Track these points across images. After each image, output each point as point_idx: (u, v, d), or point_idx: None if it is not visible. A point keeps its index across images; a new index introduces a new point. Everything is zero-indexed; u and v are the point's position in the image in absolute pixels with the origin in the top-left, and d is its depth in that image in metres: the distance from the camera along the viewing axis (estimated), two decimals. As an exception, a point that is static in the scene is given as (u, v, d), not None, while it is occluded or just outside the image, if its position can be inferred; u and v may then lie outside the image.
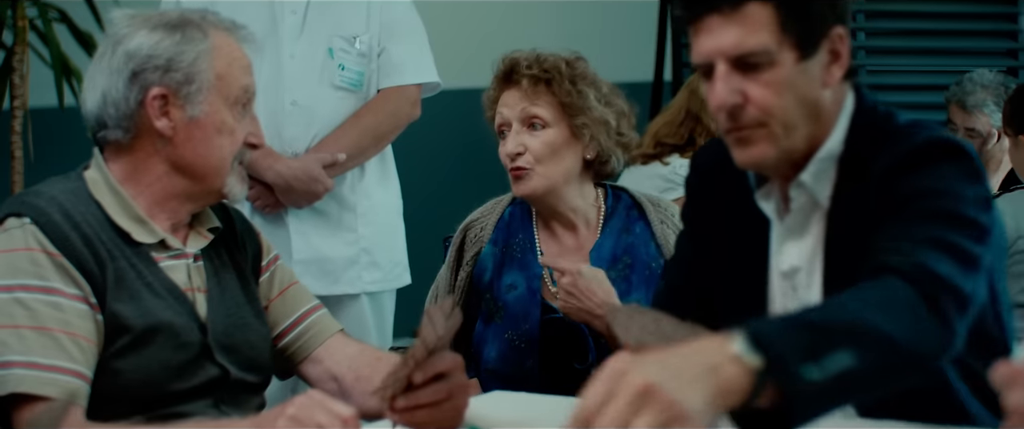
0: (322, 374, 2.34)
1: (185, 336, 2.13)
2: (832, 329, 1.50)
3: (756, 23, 1.78)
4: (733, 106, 1.80)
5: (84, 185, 2.16)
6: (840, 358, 1.47)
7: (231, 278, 2.26)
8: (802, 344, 1.46)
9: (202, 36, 2.16)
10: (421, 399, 1.86)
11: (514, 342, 2.72)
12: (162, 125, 2.15)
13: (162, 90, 2.14)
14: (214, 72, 2.16)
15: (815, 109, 1.83)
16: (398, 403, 1.86)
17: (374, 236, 3.37)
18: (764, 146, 1.82)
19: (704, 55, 1.82)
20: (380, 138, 3.34)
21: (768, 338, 1.44)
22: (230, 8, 3.23)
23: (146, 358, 2.09)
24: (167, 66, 2.14)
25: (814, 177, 1.86)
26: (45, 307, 2.02)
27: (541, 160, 2.70)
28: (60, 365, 2.00)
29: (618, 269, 2.73)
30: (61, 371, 2.00)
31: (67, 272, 2.05)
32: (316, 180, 3.22)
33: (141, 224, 2.15)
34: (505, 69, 2.75)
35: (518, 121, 2.72)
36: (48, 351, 2.00)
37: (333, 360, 2.34)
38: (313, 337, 2.36)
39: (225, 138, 2.18)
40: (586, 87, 2.72)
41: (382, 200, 3.41)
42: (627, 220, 2.80)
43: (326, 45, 3.26)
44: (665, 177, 3.88)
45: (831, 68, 1.84)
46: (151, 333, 2.09)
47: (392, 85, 3.34)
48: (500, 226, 2.83)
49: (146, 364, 2.09)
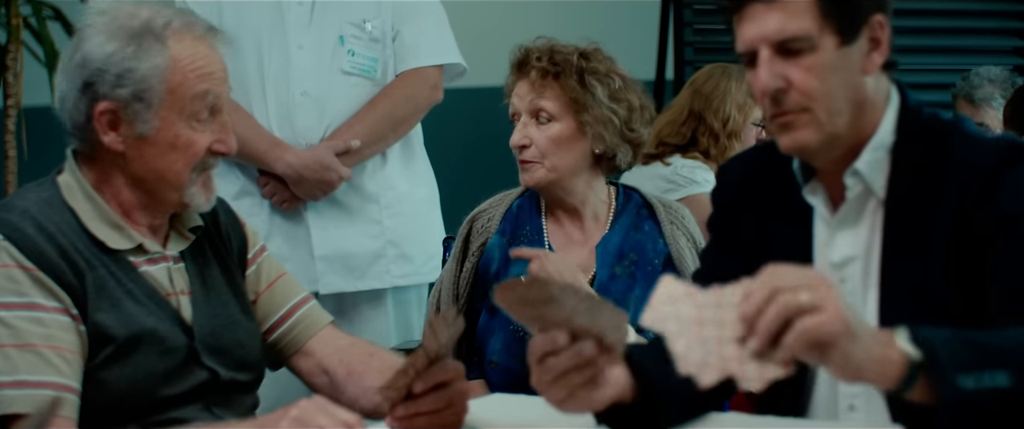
0: (313, 367, 2.32)
1: (170, 341, 2.12)
2: (995, 350, 1.65)
3: (797, 9, 1.83)
4: (776, 90, 1.84)
5: (58, 192, 2.13)
6: (997, 376, 1.63)
7: (216, 276, 2.23)
8: (964, 355, 1.63)
9: (160, 47, 2.09)
10: (421, 407, 1.89)
11: (519, 334, 2.71)
12: (110, 140, 2.10)
13: (110, 105, 2.09)
14: (165, 87, 2.09)
15: (857, 95, 1.87)
16: (398, 411, 1.88)
17: (401, 228, 3.27)
18: (808, 131, 1.85)
19: (747, 42, 1.87)
20: (398, 123, 3.24)
21: (930, 341, 1.63)
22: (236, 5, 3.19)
23: (131, 367, 2.08)
24: (116, 82, 2.08)
25: (869, 166, 1.90)
26: (27, 323, 2.01)
27: (546, 153, 2.73)
28: (48, 380, 2.00)
29: (623, 265, 2.76)
30: (48, 386, 1.99)
31: (45, 285, 2.03)
32: (329, 168, 3.13)
33: (117, 230, 2.12)
34: (519, 59, 2.77)
35: (526, 112, 2.74)
36: (35, 368, 1.99)
37: (324, 353, 2.32)
38: (303, 330, 2.33)
39: (179, 153, 2.12)
40: (596, 82, 2.72)
41: (408, 189, 3.31)
42: (637, 218, 2.82)
43: (336, 33, 3.19)
44: (666, 177, 3.84)
45: (871, 55, 1.88)
46: (135, 341, 2.08)
47: (408, 68, 3.25)
48: (508, 217, 2.84)
49: (132, 373, 2.08)
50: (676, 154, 3.89)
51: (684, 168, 3.83)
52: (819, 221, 1.96)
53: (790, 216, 1.98)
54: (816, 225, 1.97)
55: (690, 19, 5.40)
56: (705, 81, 3.93)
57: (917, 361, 1.62)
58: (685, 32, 5.37)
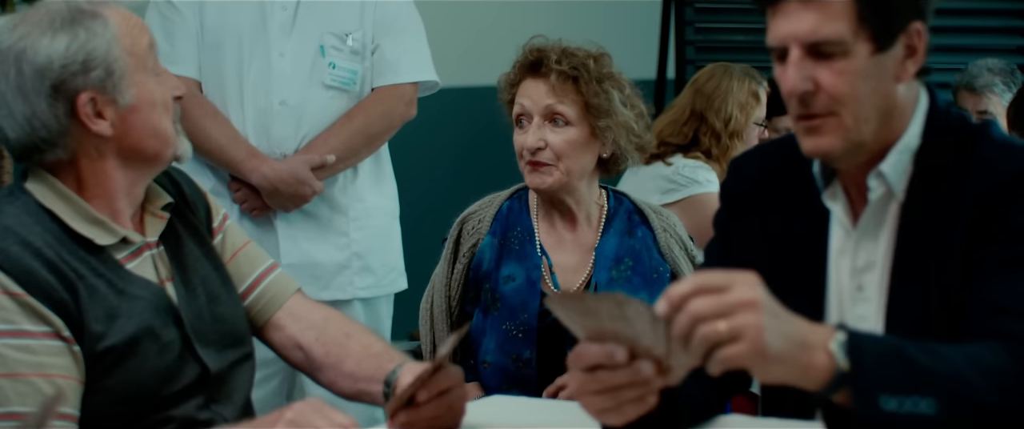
0: (286, 341, 2.30)
1: (165, 335, 2.10)
2: (928, 374, 1.59)
3: (834, 11, 1.78)
4: (804, 92, 1.80)
5: (32, 198, 2.08)
6: (922, 404, 1.57)
7: (193, 251, 2.21)
8: (893, 374, 1.57)
9: (103, 22, 2.07)
10: (422, 414, 1.91)
11: (512, 333, 2.72)
12: (100, 128, 2.07)
13: (90, 94, 2.06)
14: (125, 53, 2.07)
15: (887, 103, 1.83)
16: (399, 417, 1.90)
17: (367, 240, 3.30)
18: (833, 136, 1.82)
19: (779, 38, 1.82)
20: (372, 139, 3.25)
21: (865, 353, 1.57)
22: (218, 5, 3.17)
23: (134, 369, 2.06)
24: (84, 68, 2.05)
25: (893, 168, 1.86)
26: (17, 352, 1.97)
27: (561, 157, 2.71)
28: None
29: (620, 269, 2.76)
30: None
31: (34, 310, 1.99)
32: (303, 183, 3.14)
33: (99, 226, 2.08)
34: (533, 58, 2.74)
35: (540, 115, 2.72)
36: (26, 399, 1.96)
37: (297, 328, 2.29)
38: (272, 299, 2.31)
39: (159, 106, 2.11)
40: (612, 88, 2.73)
41: (376, 203, 3.34)
42: (629, 223, 2.82)
43: (317, 43, 3.19)
44: (668, 178, 3.82)
45: (906, 62, 1.83)
46: (134, 343, 2.06)
47: (386, 84, 3.26)
48: (499, 218, 2.83)
49: (135, 375, 2.06)
50: (677, 154, 3.89)
51: (686, 168, 3.82)
52: (836, 226, 1.93)
53: (806, 219, 1.94)
54: (832, 230, 1.93)
55: (692, 18, 5.39)
56: (706, 81, 3.93)
57: (843, 371, 1.57)
58: (686, 31, 5.36)
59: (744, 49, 5.20)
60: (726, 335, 1.52)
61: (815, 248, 1.93)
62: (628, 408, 1.68)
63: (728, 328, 1.52)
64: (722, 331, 1.52)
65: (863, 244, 1.90)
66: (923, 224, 1.84)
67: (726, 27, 5.56)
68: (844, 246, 1.92)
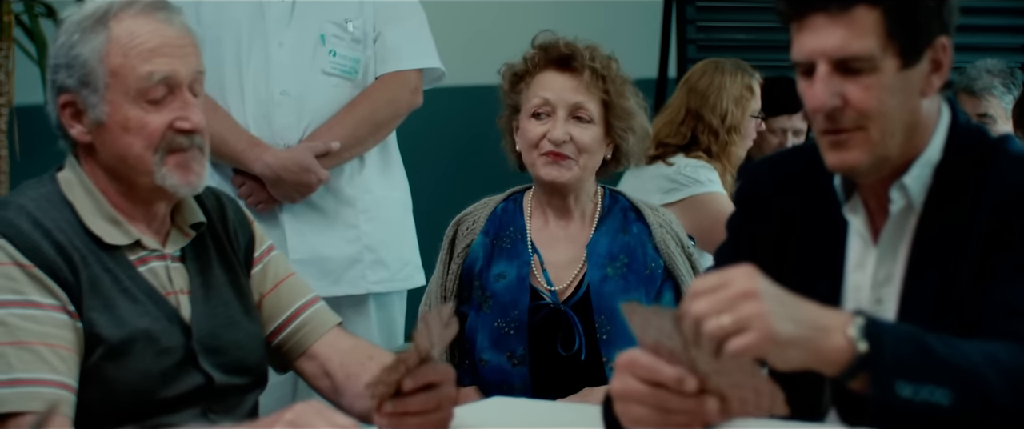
0: (317, 370, 2.31)
1: (166, 342, 2.11)
2: (945, 364, 1.60)
3: (863, 27, 1.77)
4: (832, 108, 1.80)
5: (57, 188, 2.13)
6: (937, 392, 1.58)
7: (219, 275, 2.21)
8: (911, 362, 1.59)
9: (101, 29, 2.09)
10: (409, 407, 1.89)
11: (503, 329, 2.73)
12: (77, 132, 2.12)
13: (69, 97, 2.11)
14: (107, 69, 2.09)
15: (913, 118, 1.83)
16: (386, 408, 1.88)
17: (378, 233, 3.24)
18: (859, 151, 1.82)
19: (806, 54, 1.81)
20: (378, 127, 3.21)
21: (884, 338, 1.58)
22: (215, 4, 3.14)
23: (127, 368, 2.07)
24: (67, 72, 2.11)
25: (915, 181, 1.86)
26: (23, 321, 2.01)
27: (583, 152, 2.73)
28: (42, 378, 1.99)
29: (615, 267, 2.77)
30: (44, 383, 1.99)
31: (41, 282, 2.03)
32: (308, 170, 3.09)
33: (115, 225, 2.11)
34: (565, 53, 2.75)
35: (565, 109, 2.72)
36: (29, 366, 1.99)
37: (327, 356, 2.31)
38: (309, 333, 2.31)
39: (134, 136, 2.10)
40: (629, 92, 2.77)
41: (385, 194, 3.28)
42: (624, 221, 2.82)
43: (318, 31, 3.15)
44: (670, 178, 3.81)
45: (931, 77, 1.84)
46: (129, 342, 2.07)
47: (389, 71, 3.22)
48: (492, 219, 2.83)
49: (127, 374, 2.07)
50: (679, 154, 3.88)
51: (687, 168, 3.81)
52: (854, 238, 1.92)
53: (823, 230, 1.94)
54: (850, 242, 1.93)
55: (693, 16, 5.39)
56: (699, 78, 3.93)
57: (862, 354, 1.59)
58: (688, 29, 5.37)
59: (746, 48, 5.20)
60: (731, 327, 1.54)
61: (832, 260, 1.92)
62: None
63: (732, 320, 1.54)
64: (726, 324, 1.54)
65: (884, 257, 1.90)
66: (939, 236, 1.85)
67: (728, 25, 5.55)
68: (862, 259, 1.92)
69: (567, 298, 2.77)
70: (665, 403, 1.65)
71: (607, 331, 2.72)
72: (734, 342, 1.54)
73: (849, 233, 1.92)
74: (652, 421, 1.67)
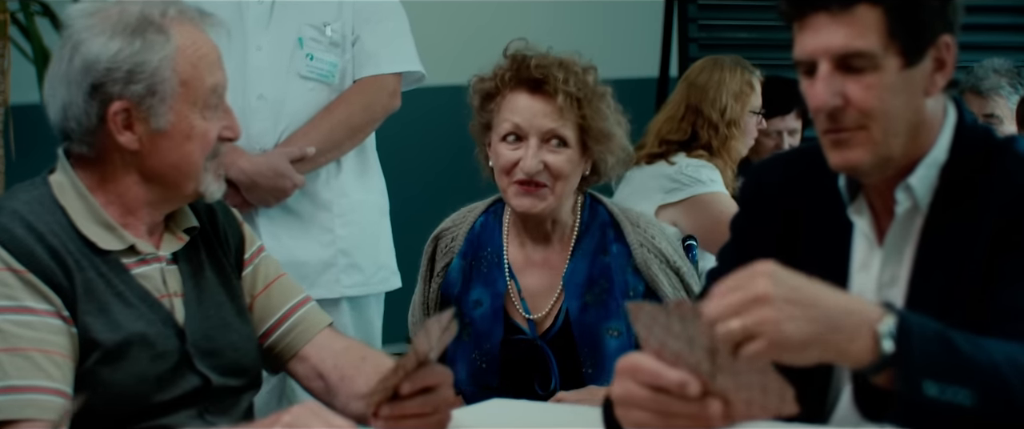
0: (309, 372, 2.31)
1: (161, 345, 2.11)
2: (971, 364, 1.59)
3: (864, 25, 1.77)
4: (833, 108, 1.80)
5: (49, 191, 2.12)
6: (961, 393, 1.57)
7: (211, 278, 2.22)
8: (939, 361, 1.58)
9: (164, 39, 2.08)
10: (407, 409, 1.89)
11: (478, 362, 2.65)
12: (126, 140, 2.09)
13: (124, 104, 2.07)
14: (178, 79, 2.08)
15: (916, 117, 1.83)
16: (383, 411, 1.88)
17: (353, 237, 3.23)
18: (861, 150, 1.81)
19: (807, 52, 1.81)
20: (355, 131, 3.19)
21: (914, 336, 1.57)
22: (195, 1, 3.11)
23: (122, 372, 2.07)
24: (128, 78, 2.06)
25: (921, 182, 1.86)
26: (17, 327, 2.00)
27: (559, 178, 2.58)
28: (37, 384, 1.99)
29: (594, 293, 2.63)
30: (40, 391, 1.99)
31: (36, 288, 2.02)
32: (282, 175, 3.08)
33: (109, 230, 2.11)
34: (537, 76, 2.58)
35: (538, 135, 2.58)
36: (24, 372, 1.99)
37: (320, 357, 2.30)
38: (300, 333, 2.31)
39: (195, 143, 2.11)
40: (605, 107, 2.60)
41: (362, 198, 3.27)
42: (602, 240, 2.68)
43: (295, 35, 3.13)
44: (671, 177, 3.78)
45: (935, 76, 1.83)
46: (124, 346, 2.07)
47: (367, 75, 3.19)
48: (470, 237, 2.73)
49: (123, 378, 2.07)
50: (680, 153, 3.84)
51: (689, 167, 3.78)
52: (859, 240, 1.92)
53: (828, 231, 1.94)
54: (855, 243, 1.92)
55: (694, 14, 5.39)
56: (698, 74, 3.93)
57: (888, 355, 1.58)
58: (690, 28, 5.35)
59: (748, 46, 5.18)
60: (741, 334, 1.53)
61: (837, 262, 1.91)
62: None
63: (741, 326, 1.53)
64: (736, 329, 1.54)
65: (889, 259, 1.89)
66: (945, 238, 1.84)
67: (729, 24, 5.54)
68: (867, 261, 1.91)
69: (547, 330, 2.65)
70: (667, 408, 1.63)
71: (592, 364, 2.60)
72: (747, 348, 1.54)
73: (854, 235, 1.92)
74: (654, 425, 1.65)
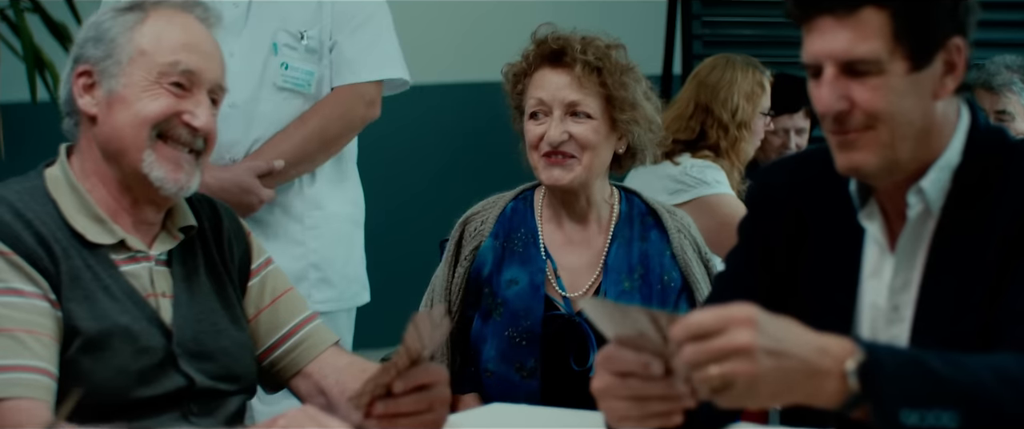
0: (311, 388, 2.30)
1: (145, 341, 2.11)
2: (949, 385, 1.57)
3: (870, 29, 1.76)
4: (839, 112, 1.79)
5: (42, 183, 2.15)
6: (944, 416, 1.56)
7: (205, 283, 2.23)
8: (912, 388, 1.56)
9: (141, 15, 2.17)
10: (400, 408, 1.89)
11: (515, 339, 2.67)
12: (85, 103, 2.15)
13: (86, 67, 2.16)
14: (136, 46, 2.14)
15: (925, 122, 1.81)
16: (376, 409, 1.88)
17: (325, 250, 3.12)
18: (868, 152, 1.80)
19: (813, 56, 1.81)
20: (329, 143, 3.08)
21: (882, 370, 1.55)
22: None
23: (103, 362, 2.08)
24: (94, 44, 2.16)
25: (933, 185, 1.84)
26: (3, 308, 2.03)
27: (586, 148, 2.62)
28: (24, 363, 2.01)
29: (632, 280, 2.68)
30: (25, 370, 2.01)
31: (22, 270, 2.05)
32: (248, 191, 2.97)
33: (99, 223, 2.14)
34: (555, 47, 2.65)
35: (560, 108, 2.63)
36: (11, 352, 2.01)
37: (322, 374, 2.31)
38: (305, 351, 2.30)
39: (137, 111, 2.14)
40: (632, 80, 2.65)
41: (336, 210, 3.16)
42: (642, 227, 2.74)
43: (270, 40, 3.02)
44: (676, 178, 3.73)
45: (945, 79, 1.81)
46: (106, 336, 2.08)
47: (345, 83, 3.08)
48: (502, 220, 2.75)
49: (103, 368, 2.08)
50: (685, 153, 3.80)
51: (694, 168, 3.74)
52: (871, 245, 1.90)
53: (838, 236, 1.92)
54: (866, 249, 1.90)
55: (699, 11, 5.40)
56: (709, 72, 3.88)
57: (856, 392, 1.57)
58: (694, 25, 5.35)
59: (752, 43, 5.19)
60: (718, 383, 1.52)
61: (847, 267, 1.90)
62: (652, 420, 1.69)
63: (719, 375, 1.52)
64: (714, 376, 1.52)
65: (901, 264, 1.87)
66: (958, 242, 1.82)
67: (734, 21, 5.55)
68: (878, 266, 1.89)
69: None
70: (638, 391, 1.66)
71: None
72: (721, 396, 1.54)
73: (865, 241, 1.90)
74: (633, 413, 1.68)
